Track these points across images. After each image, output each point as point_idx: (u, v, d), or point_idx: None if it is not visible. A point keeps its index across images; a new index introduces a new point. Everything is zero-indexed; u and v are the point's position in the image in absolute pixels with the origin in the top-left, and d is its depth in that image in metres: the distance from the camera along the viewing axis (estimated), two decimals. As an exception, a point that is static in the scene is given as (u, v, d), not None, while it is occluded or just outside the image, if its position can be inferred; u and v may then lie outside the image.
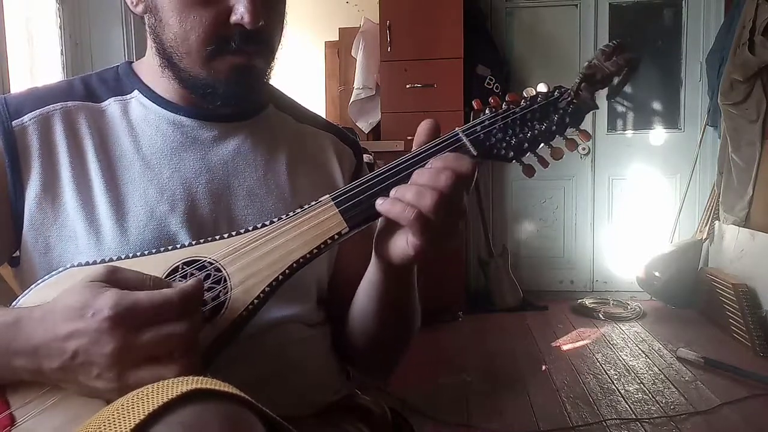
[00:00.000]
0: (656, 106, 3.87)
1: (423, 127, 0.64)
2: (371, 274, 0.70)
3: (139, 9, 0.73)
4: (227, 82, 0.70)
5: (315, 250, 0.62)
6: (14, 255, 0.72)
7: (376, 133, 3.57)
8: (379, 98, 3.51)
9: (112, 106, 0.75)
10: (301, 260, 0.62)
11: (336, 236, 0.62)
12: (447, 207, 0.57)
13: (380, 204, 0.60)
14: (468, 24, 3.38)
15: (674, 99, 3.82)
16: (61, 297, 0.53)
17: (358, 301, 0.76)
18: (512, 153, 0.64)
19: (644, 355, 2.81)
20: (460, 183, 0.58)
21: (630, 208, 3.87)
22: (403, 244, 0.61)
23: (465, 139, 0.63)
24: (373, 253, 0.67)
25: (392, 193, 0.60)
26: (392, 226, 0.62)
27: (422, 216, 0.57)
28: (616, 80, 0.65)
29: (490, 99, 0.65)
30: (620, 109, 3.91)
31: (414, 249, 0.59)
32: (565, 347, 2.95)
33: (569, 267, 3.94)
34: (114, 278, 0.53)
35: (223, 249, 0.61)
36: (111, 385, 0.50)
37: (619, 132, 3.89)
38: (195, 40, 0.68)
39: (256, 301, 0.60)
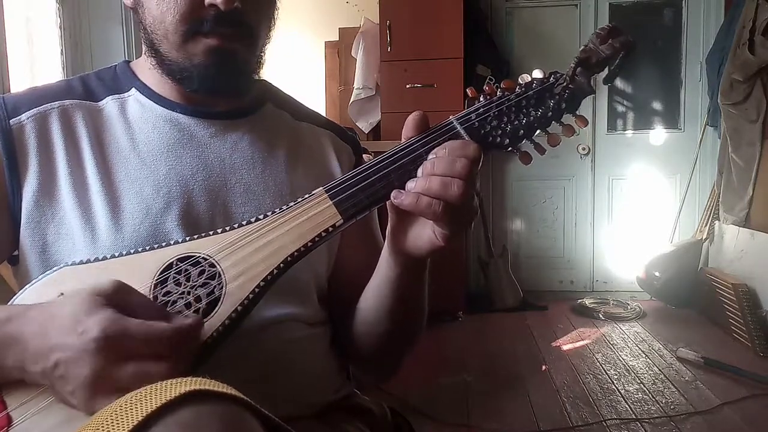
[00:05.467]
0: (656, 106, 3.87)
1: (412, 120, 0.63)
2: (386, 271, 0.69)
3: (129, 1, 0.74)
4: (202, 66, 0.69)
5: (309, 244, 0.61)
6: (13, 254, 0.71)
7: (376, 133, 3.56)
8: (379, 98, 3.50)
9: (109, 104, 0.75)
10: (295, 254, 0.61)
11: (330, 229, 0.61)
12: (471, 193, 0.58)
13: (400, 199, 0.59)
14: (468, 24, 3.38)
15: (674, 99, 3.82)
16: (61, 302, 0.52)
17: (369, 301, 0.74)
18: (508, 140, 0.63)
19: (644, 355, 2.80)
20: (475, 168, 0.58)
21: (630, 208, 3.87)
22: (429, 235, 0.61)
23: (459, 128, 0.63)
24: (389, 250, 0.66)
25: (410, 186, 0.59)
26: (409, 220, 0.62)
27: (450, 207, 0.57)
28: (612, 64, 0.63)
29: (485, 86, 0.65)
30: (620, 109, 3.91)
31: (443, 238, 0.60)
32: (565, 347, 2.95)
33: (569, 267, 3.93)
34: (118, 296, 0.52)
35: (217, 244, 0.61)
36: (81, 405, 0.50)
37: (619, 132, 3.88)
38: (171, 21, 0.68)
39: (251, 296, 0.60)
